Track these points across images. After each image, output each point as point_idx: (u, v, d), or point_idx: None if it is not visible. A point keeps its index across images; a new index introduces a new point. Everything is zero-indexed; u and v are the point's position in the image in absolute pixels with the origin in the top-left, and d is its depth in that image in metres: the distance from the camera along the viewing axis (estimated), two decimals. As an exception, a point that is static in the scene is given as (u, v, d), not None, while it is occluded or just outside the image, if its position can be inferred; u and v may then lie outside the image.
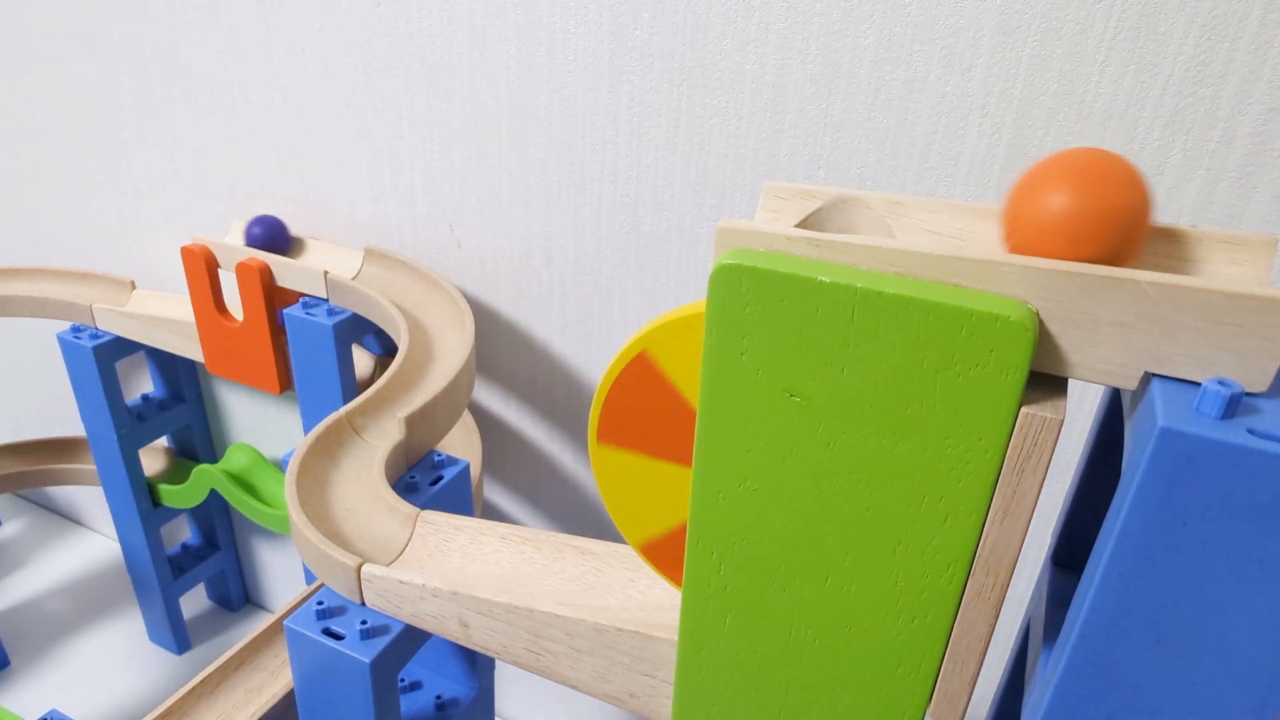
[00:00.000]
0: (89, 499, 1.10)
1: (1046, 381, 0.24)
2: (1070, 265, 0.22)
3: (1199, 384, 0.22)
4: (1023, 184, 0.25)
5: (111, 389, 0.78)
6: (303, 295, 0.66)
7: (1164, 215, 0.43)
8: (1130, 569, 0.22)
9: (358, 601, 0.39)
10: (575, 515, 0.73)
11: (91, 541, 1.10)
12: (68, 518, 1.15)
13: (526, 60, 0.56)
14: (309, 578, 0.72)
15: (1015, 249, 0.25)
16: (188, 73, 0.71)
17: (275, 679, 0.46)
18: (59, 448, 0.96)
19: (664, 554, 0.34)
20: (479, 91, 0.59)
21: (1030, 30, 0.43)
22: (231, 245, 0.68)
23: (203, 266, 0.67)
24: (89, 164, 0.82)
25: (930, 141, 0.47)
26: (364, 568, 0.38)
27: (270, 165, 0.71)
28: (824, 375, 0.25)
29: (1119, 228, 0.24)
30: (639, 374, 0.30)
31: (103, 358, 0.76)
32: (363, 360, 0.72)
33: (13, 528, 1.12)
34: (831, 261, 0.25)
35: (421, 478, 0.47)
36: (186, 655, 0.94)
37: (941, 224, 0.29)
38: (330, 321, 0.62)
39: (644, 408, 0.31)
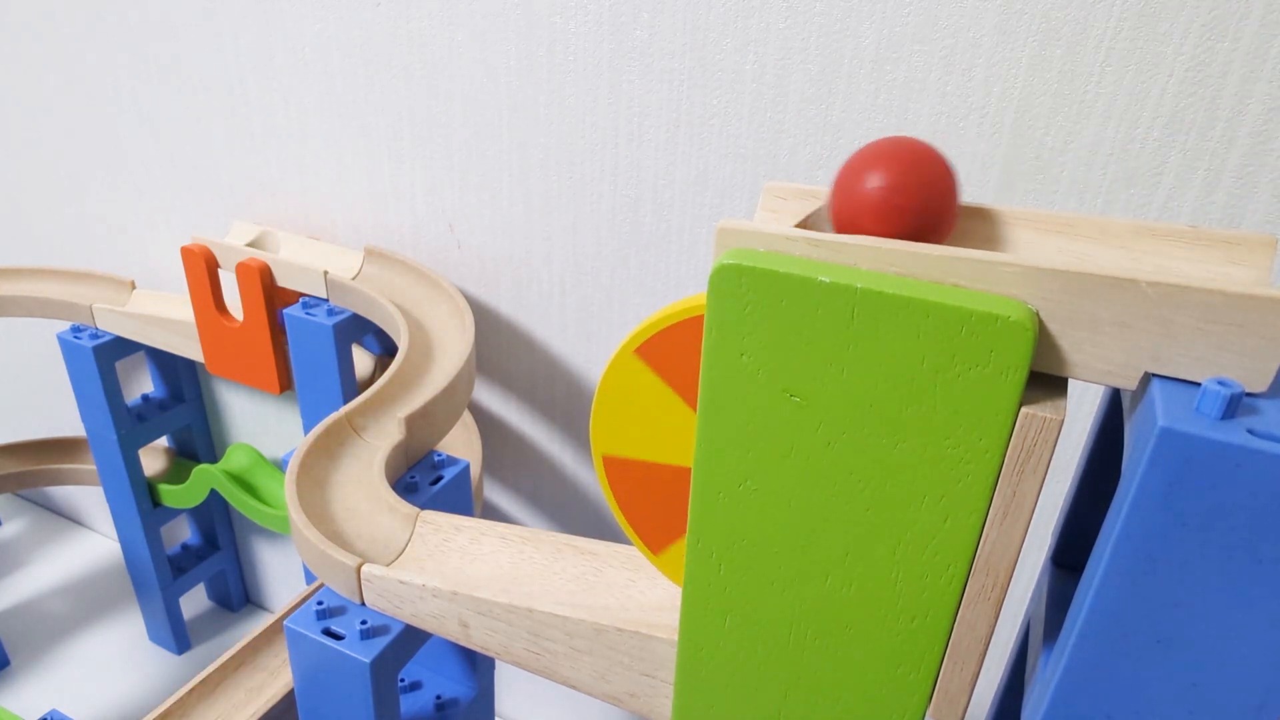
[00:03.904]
0: (89, 499, 1.10)
1: (1046, 381, 0.24)
2: (1070, 265, 0.22)
3: (1199, 384, 0.22)
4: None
5: (111, 389, 0.78)
6: (303, 295, 0.66)
7: (1164, 215, 0.43)
8: (1130, 569, 0.22)
9: (358, 601, 0.39)
10: (575, 515, 0.73)
11: (91, 541, 1.10)
12: (68, 518, 1.15)
13: (526, 60, 0.56)
14: (309, 578, 0.72)
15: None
16: (188, 73, 0.71)
17: (275, 679, 0.46)
18: (59, 448, 0.96)
19: (619, 476, 0.33)
20: (479, 91, 0.59)
21: (1030, 30, 0.43)
22: (232, 245, 0.68)
23: (203, 266, 0.67)
24: (89, 164, 0.82)
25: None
26: (364, 568, 0.38)
27: (270, 165, 0.71)
28: (824, 375, 0.25)
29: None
30: (621, 474, 0.31)
31: (103, 358, 0.76)
32: (363, 360, 0.72)
33: (13, 528, 1.12)
34: (831, 261, 0.25)
35: (421, 478, 0.47)
36: (186, 655, 0.94)
37: (941, 224, 0.29)
38: (330, 321, 0.62)
39: (649, 492, 0.31)
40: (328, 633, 0.39)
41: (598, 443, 0.33)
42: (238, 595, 1.00)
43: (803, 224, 0.29)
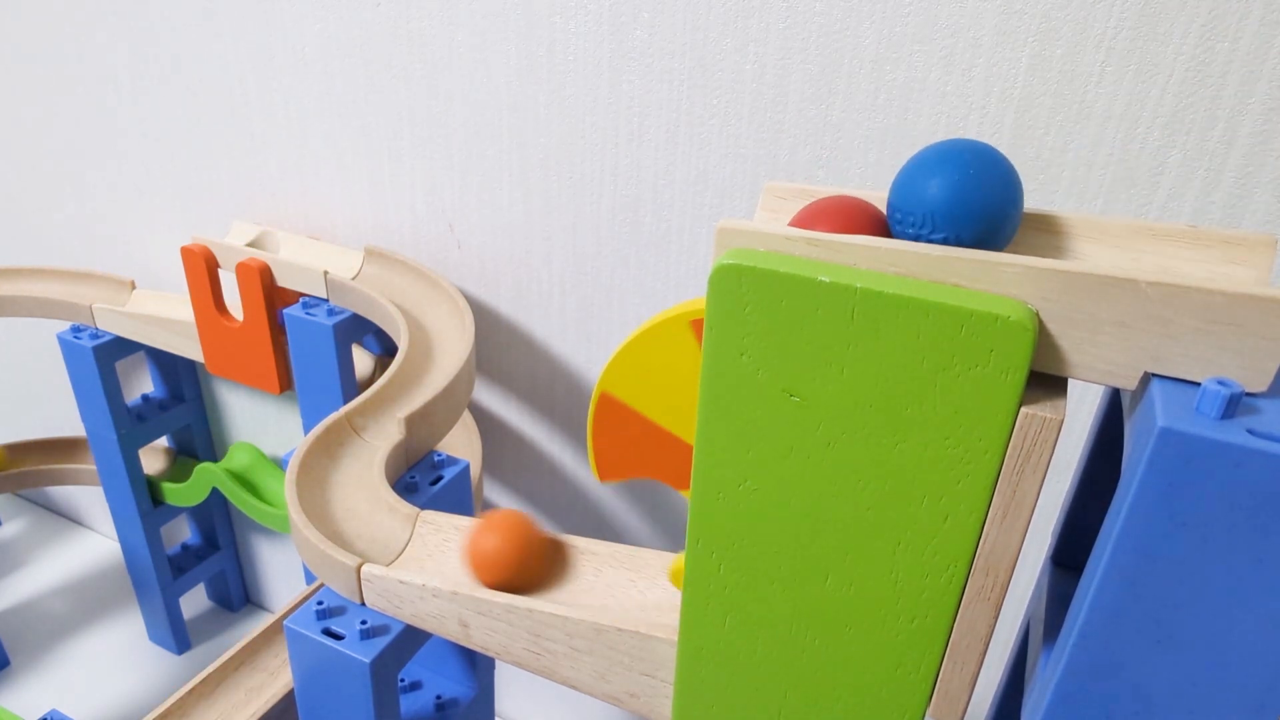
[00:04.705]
0: (89, 499, 1.10)
1: (1046, 381, 0.24)
2: (1070, 265, 0.22)
3: (1199, 384, 0.22)
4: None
5: (111, 389, 0.78)
6: (303, 295, 0.66)
7: (1164, 215, 0.43)
8: (1130, 569, 0.22)
9: (358, 601, 0.39)
10: (575, 515, 0.73)
11: (91, 541, 1.10)
12: (68, 518, 1.15)
13: (526, 60, 0.56)
14: (309, 578, 0.72)
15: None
16: (188, 72, 0.71)
17: (275, 679, 0.46)
18: (59, 448, 0.96)
19: (607, 412, 0.33)
20: (479, 91, 0.59)
21: (1030, 30, 0.43)
22: (232, 245, 0.68)
23: (203, 266, 0.67)
24: (89, 164, 0.82)
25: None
26: (364, 568, 0.38)
27: (270, 165, 0.71)
28: (824, 375, 0.25)
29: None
30: (609, 414, 0.32)
31: (103, 358, 0.76)
32: (363, 360, 0.72)
33: (13, 528, 1.12)
34: (831, 261, 0.25)
35: (421, 478, 0.47)
36: (186, 655, 0.94)
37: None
38: (330, 321, 0.62)
39: (627, 440, 0.32)
40: (328, 633, 0.39)
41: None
42: (238, 595, 1.00)
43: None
